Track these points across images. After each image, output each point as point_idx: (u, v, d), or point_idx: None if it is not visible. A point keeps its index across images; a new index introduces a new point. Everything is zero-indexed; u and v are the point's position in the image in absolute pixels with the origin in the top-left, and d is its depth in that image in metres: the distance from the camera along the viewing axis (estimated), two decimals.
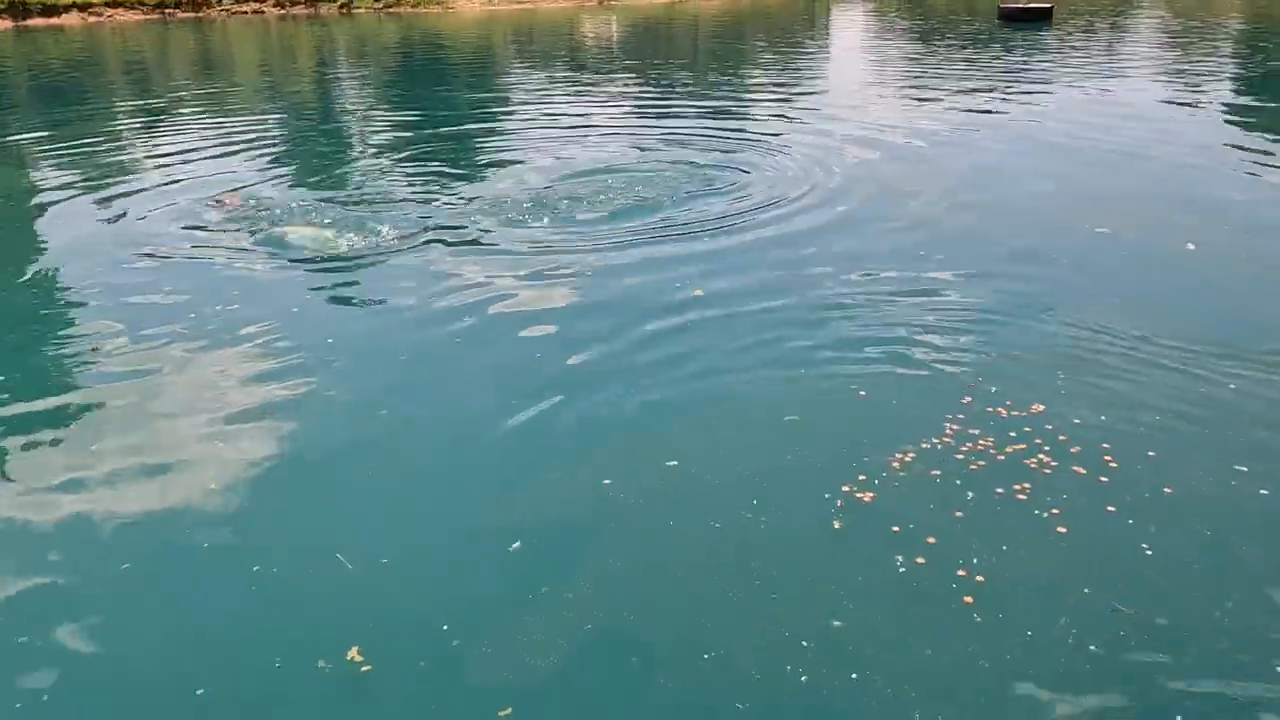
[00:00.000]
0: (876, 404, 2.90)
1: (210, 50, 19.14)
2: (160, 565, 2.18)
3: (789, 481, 2.46)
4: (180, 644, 1.95)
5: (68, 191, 5.83)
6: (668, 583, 2.09)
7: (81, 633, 1.96)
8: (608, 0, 27.64)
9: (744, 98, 9.56)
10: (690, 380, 3.07)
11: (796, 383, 3.04)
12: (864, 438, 2.68)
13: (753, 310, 3.61)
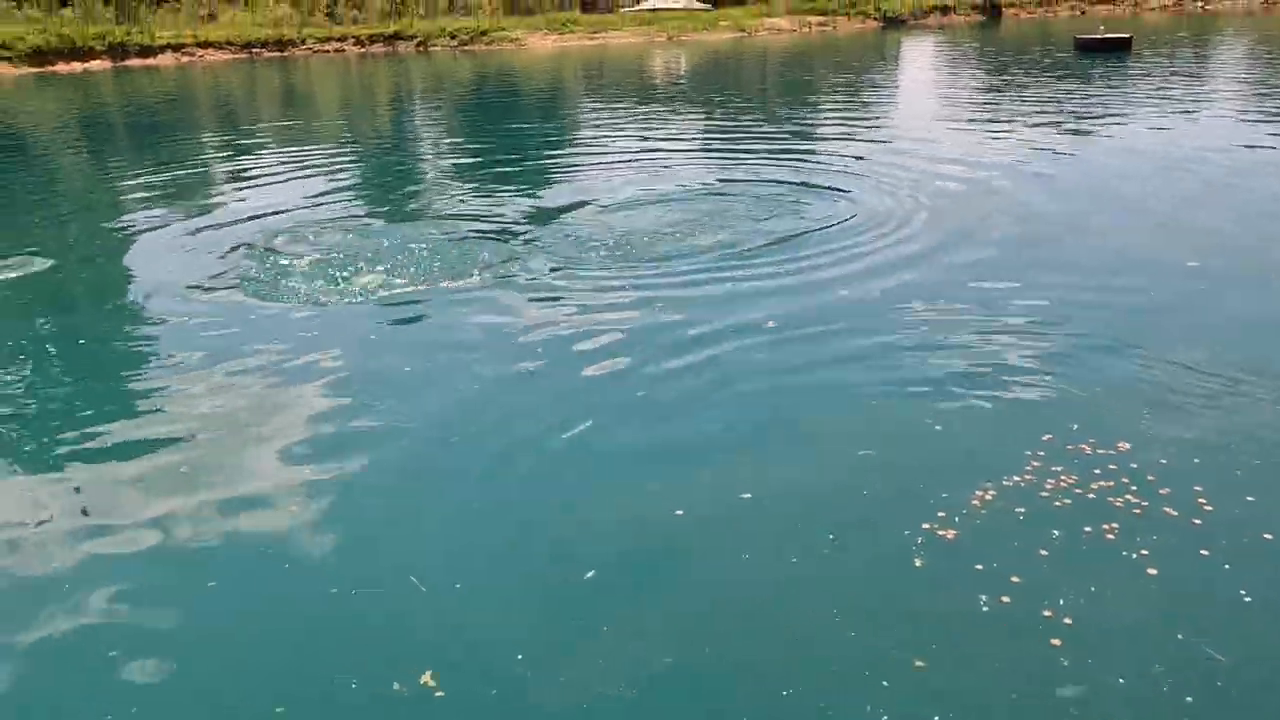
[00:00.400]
0: (954, 439, 2.83)
1: (293, 87, 19.89)
2: (242, 587, 2.23)
3: (867, 517, 2.42)
4: (261, 664, 1.99)
5: (154, 224, 6.06)
6: (743, 616, 2.07)
7: (165, 650, 2.02)
8: (677, 36, 27.97)
9: (814, 130, 9.54)
10: (762, 412, 3.04)
11: (871, 416, 2.99)
12: (942, 473, 2.62)
13: (825, 342, 3.57)
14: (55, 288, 4.65)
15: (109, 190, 7.88)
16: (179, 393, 3.29)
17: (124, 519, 2.50)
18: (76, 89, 19.99)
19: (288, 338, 3.72)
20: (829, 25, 29.29)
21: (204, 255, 5.04)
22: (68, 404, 3.29)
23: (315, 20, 33.36)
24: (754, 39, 27.18)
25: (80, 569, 2.30)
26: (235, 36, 29.80)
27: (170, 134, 12.34)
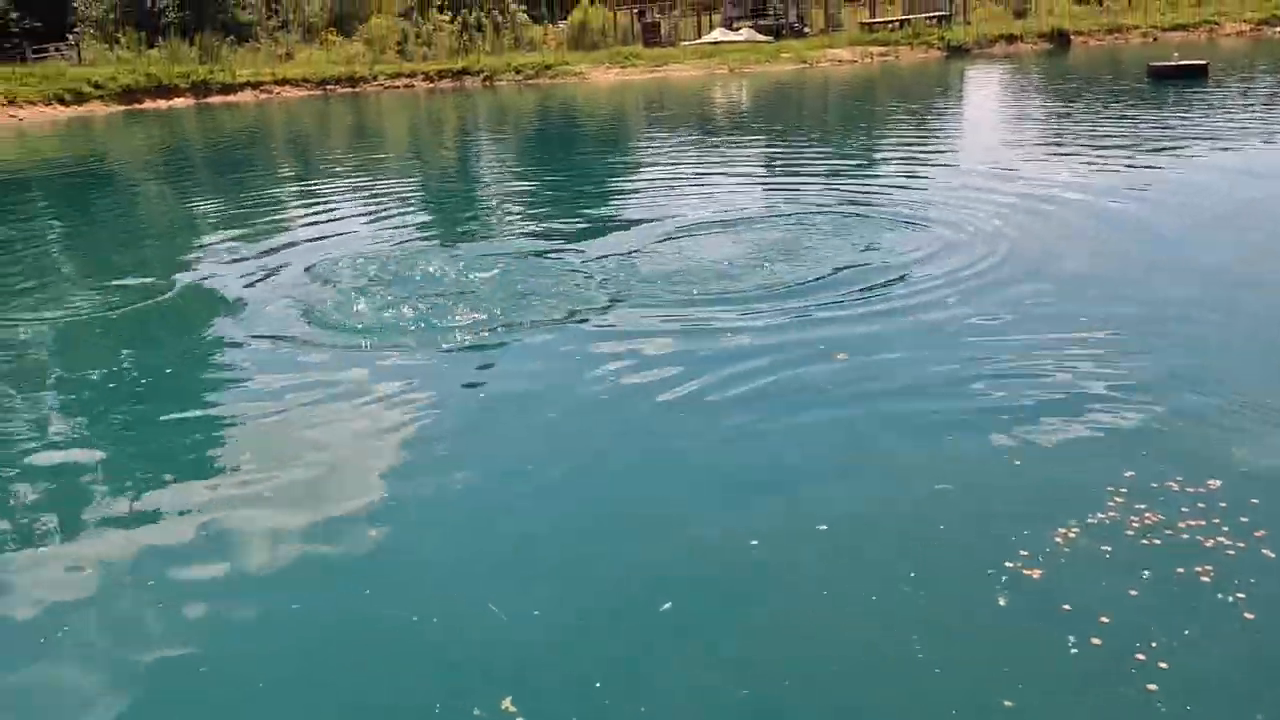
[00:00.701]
0: (1033, 473, 2.78)
1: (364, 121, 20.52)
2: (324, 612, 2.27)
3: (947, 554, 2.38)
4: (343, 688, 2.03)
5: (228, 254, 6.24)
6: (822, 653, 2.04)
7: (248, 675, 2.07)
8: (738, 67, 28.12)
9: (879, 158, 9.48)
10: (833, 444, 3.02)
11: (946, 449, 2.95)
12: (1023, 509, 2.57)
13: (897, 372, 3.54)
14: (132, 317, 4.80)
15: (187, 219, 8.20)
16: (252, 421, 3.36)
17: (203, 545, 2.57)
18: (162, 124, 20.90)
19: (354, 370, 3.78)
20: (891, 55, 29.16)
21: (274, 287, 5.13)
22: (140, 429, 3.39)
23: (386, 57, 34.40)
24: (816, 69, 27.19)
25: (160, 592, 2.37)
26: (311, 74, 30.85)
27: (248, 166, 12.83)
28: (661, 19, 40.67)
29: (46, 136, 18.99)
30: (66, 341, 4.42)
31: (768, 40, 32.90)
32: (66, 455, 3.16)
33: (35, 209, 9.76)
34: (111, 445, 3.23)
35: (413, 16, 38.88)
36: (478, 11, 39.13)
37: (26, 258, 6.66)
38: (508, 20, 38.53)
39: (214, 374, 3.94)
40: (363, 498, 2.78)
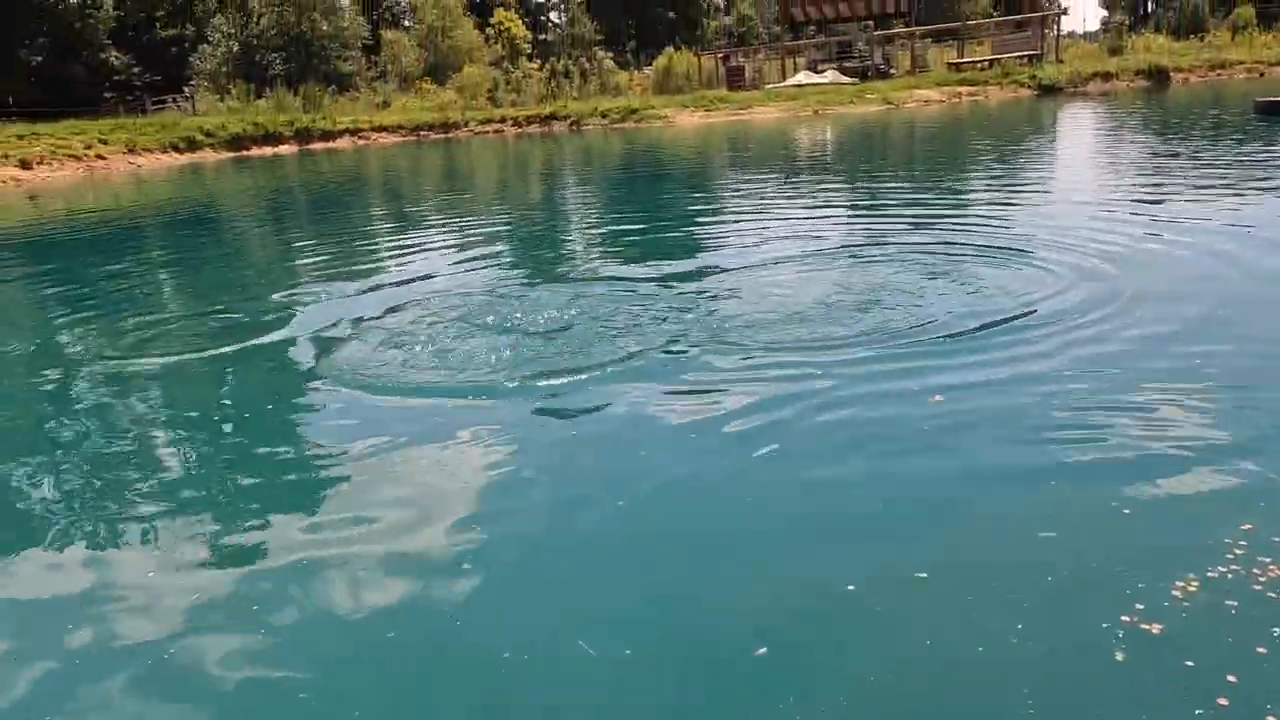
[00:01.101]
0: (1146, 524, 2.63)
1: (454, 164, 21.19)
2: (412, 650, 2.27)
3: (1056, 605, 2.26)
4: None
5: (321, 292, 6.43)
6: (929, 706, 1.96)
7: (332, 715, 2.08)
8: (822, 109, 28.11)
9: (968, 199, 9.27)
10: (931, 491, 2.92)
11: (1051, 498, 2.82)
12: (1136, 561, 2.43)
13: (996, 418, 3.41)
14: (230, 356, 4.95)
15: (284, 259, 8.55)
16: (343, 461, 3.38)
17: (298, 579, 2.61)
18: (266, 170, 21.96)
19: (441, 410, 3.79)
20: (980, 95, 28.75)
21: (365, 327, 5.20)
22: (235, 467, 3.47)
23: (477, 104, 35.57)
24: (902, 110, 26.97)
25: (257, 624, 2.42)
26: (406, 120, 32.09)
27: (344, 208, 13.37)
28: (745, 63, 41.05)
29: (161, 182, 20.14)
30: (169, 379, 4.60)
31: (852, 82, 32.82)
32: (163, 491, 3.26)
33: (147, 249, 10.32)
34: (208, 482, 3.33)
35: (503, 65, 40.19)
36: (565, 59, 40.23)
37: (136, 295, 7.02)
38: (595, 67, 39.48)
39: (305, 413, 4.01)
40: (451, 536, 2.79)
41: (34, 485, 3.35)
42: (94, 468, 3.46)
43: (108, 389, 4.42)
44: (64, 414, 4.13)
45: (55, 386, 4.56)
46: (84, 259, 9.43)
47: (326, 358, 4.63)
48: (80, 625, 2.43)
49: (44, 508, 3.15)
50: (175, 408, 4.13)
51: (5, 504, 3.23)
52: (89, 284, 7.55)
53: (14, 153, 21.51)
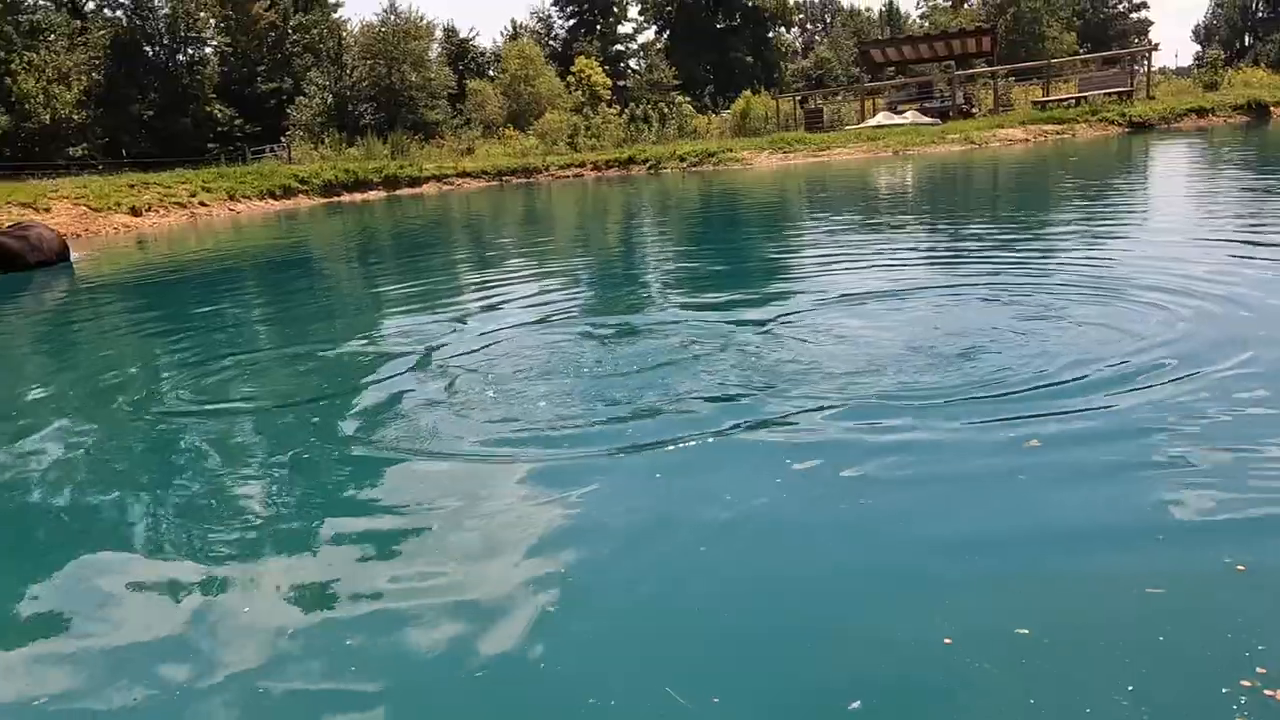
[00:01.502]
0: (1262, 583, 2.46)
1: (534, 207, 21.62)
2: (494, 699, 2.25)
3: (1169, 665, 2.12)
4: None
5: (402, 332, 6.54)
6: None
7: None
8: (902, 150, 27.87)
9: (1059, 239, 8.95)
10: (1032, 543, 2.79)
11: (1160, 551, 2.67)
12: (1254, 622, 2.27)
13: (1097, 469, 3.25)
14: (314, 398, 5.02)
15: (368, 301, 8.79)
16: (423, 509, 3.36)
17: (379, 626, 2.62)
18: (356, 215, 22.78)
19: (516, 456, 3.72)
20: (1067, 133, 28.12)
21: (442, 372, 5.18)
22: (314, 511, 3.48)
23: (557, 149, 36.36)
24: (985, 150, 26.53)
25: (341, 667, 2.44)
26: (488, 166, 33.00)
27: (427, 250, 13.75)
28: (824, 105, 41.07)
29: (258, 227, 21.06)
30: (256, 419, 4.68)
31: (933, 123, 32.49)
32: (246, 528, 3.31)
33: (240, 291, 10.77)
34: (288, 523, 3.37)
35: (583, 111, 41.07)
36: (644, 104, 40.89)
37: (228, 336, 7.30)
38: (673, 111, 40.02)
39: (384, 456, 3.95)
40: (532, 583, 2.75)
41: (122, 520, 3.47)
42: (180, 507, 3.56)
43: (196, 429, 4.56)
44: (154, 451, 4.28)
45: (146, 423, 4.73)
46: (182, 300, 9.88)
47: (407, 400, 4.66)
48: (173, 660, 2.49)
49: (134, 543, 3.26)
50: (260, 448, 4.22)
51: (97, 536, 3.35)
52: (185, 324, 7.88)
53: (126, 201, 22.80)
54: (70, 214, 20.68)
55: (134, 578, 2.97)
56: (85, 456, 4.22)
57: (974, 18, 69.96)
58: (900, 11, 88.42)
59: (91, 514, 3.56)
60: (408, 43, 45.09)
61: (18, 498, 3.78)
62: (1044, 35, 71.88)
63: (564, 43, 62.80)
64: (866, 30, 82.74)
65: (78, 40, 43.42)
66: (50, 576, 3.07)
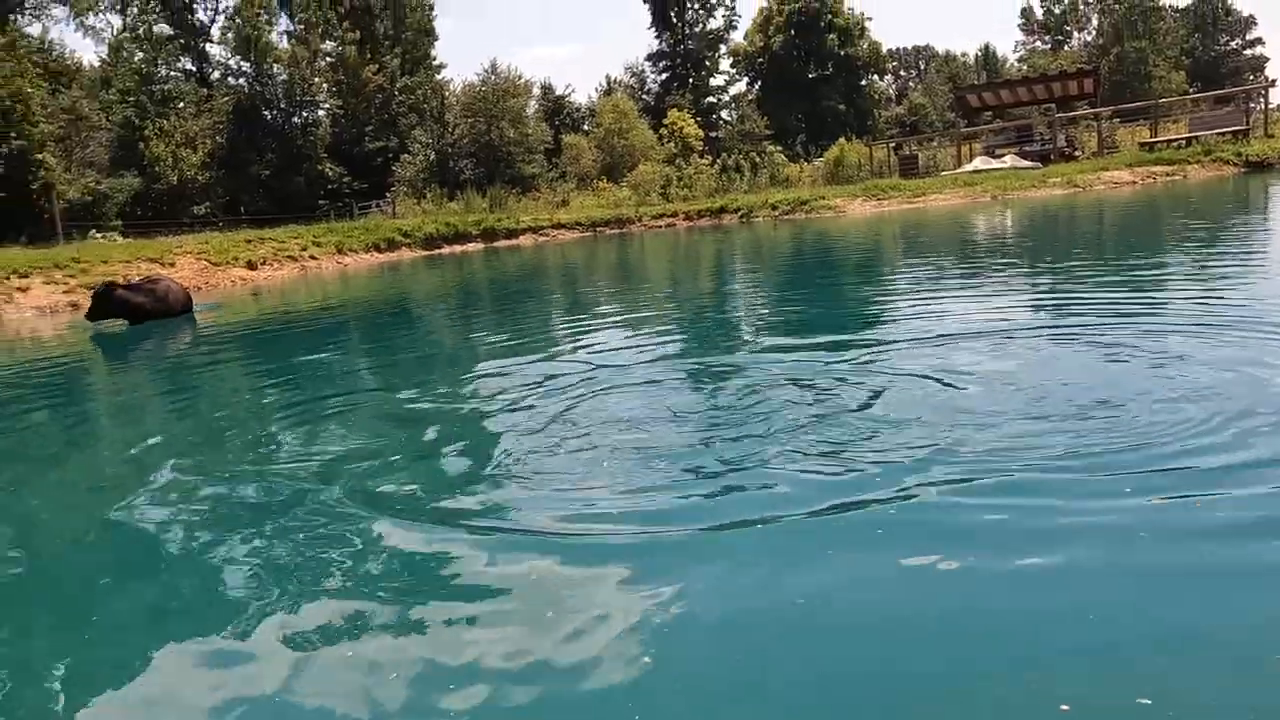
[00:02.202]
0: None
1: (627, 257, 21.89)
2: None
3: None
4: None
5: (499, 378, 6.60)
6: None
7: None
8: (1001, 194, 27.23)
9: (1177, 282, 8.51)
10: (1161, 604, 2.59)
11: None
12: None
13: (1226, 528, 3.01)
14: (406, 448, 5.09)
15: (465, 350, 8.98)
16: (505, 573, 3.30)
17: (477, 675, 2.61)
18: (455, 266, 23.50)
19: (603, 517, 3.58)
20: (1177, 174, 27.00)
21: (534, 425, 5.10)
22: (381, 564, 3.47)
23: (650, 200, 36.87)
24: (1089, 193, 25.69)
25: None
26: (583, 217, 33.70)
27: (523, 299, 14.04)
28: (919, 151, 40.58)
29: (363, 278, 21.93)
30: (357, 462, 4.79)
31: (1034, 166, 31.70)
32: (341, 575, 3.34)
33: (346, 340, 11.18)
34: (367, 571, 3.40)
35: (676, 162, 41.64)
36: (736, 154, 41.21)
37: (333, 379, 7.56)
38: (764, 160, 40.19)
39: (470, 507, 3.94)
40: (614, 671, 2.58)
41: (212, 564, 3.57)
42: (271, 552, 3.65)
43: (298, 475, 4.69)
44: (256, 492, 4.41)
45: (247, 467, 4.90)
46: (290, 350, 10.30)
47: (496, 462, 4.54)
48: (256, 704, 2.53)
49: (229, 584, 3.35)
50: (358, 496, 4.29)
51: (197, 577, 3.46)
52: (289, 373, 8.21)
53: (243, 255, 24.10)
54: (193, 268, 21.96)
55: (218, 611, 3.04)
56: (187, 502, 4.38)
57: (1075, 59, 68.53)
58: (997, 55, 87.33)
59: (188, 558, 3.67)
60: (506, 100, 46.76)
61: (129, 538, 3.95)
62: (1150, 75, 69.76)
63: (657, 96, 64.04)
64: (962, 75, 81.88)
65: (204, 107, 46.53)
66: (141, 621, 3.17)
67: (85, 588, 3.51)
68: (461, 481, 4.28)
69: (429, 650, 2.72)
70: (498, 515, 3.81)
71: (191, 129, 44.43)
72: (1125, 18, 74.94)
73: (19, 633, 3.17)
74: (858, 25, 65.78)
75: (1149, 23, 74.62)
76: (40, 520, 4.55)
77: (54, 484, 5.13)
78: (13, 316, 17.30)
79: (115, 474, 5.12)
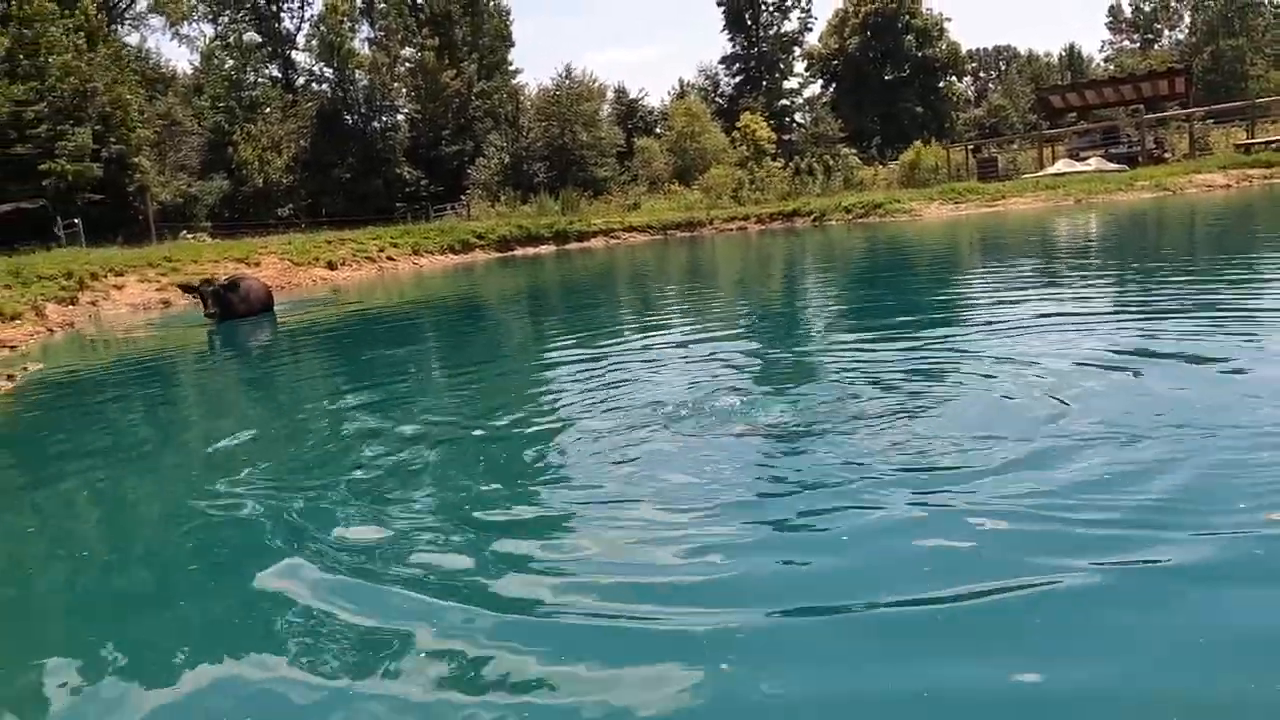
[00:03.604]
0: None
1: (699, 260, 21.87)
2: None
3: None
4: None
5: (563, 385, 6.60)
6: None
7: None
8: (1085, 198, 26.39)
9: (1258, 299, 7.77)
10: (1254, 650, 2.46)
11: None
12: None
13: None
14: (467, 441, 5.15)
15: (535, 352, 9.08)
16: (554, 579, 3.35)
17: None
18: (527, 268, 23.80)
19: (663, 524, 3.47)
20: (1276, 177, 25.78)
21: (594, 419, 5.13)
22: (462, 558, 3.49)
23: (721, 203, 36.76)
24: (1179, 196, 24.70)
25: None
26: (654, 220, 33.78)
27: (592, 300, 14.17)
28: (998, 153, 39.61)
29: (437, 278, 22.38)
30: (431, 455, 4.86)
31: (1120, 169, 30.62)
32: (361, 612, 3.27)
33: (420, 337, 11.43)
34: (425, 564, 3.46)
35: (748, 165, 41.44)
36: (809, 157, 40.81)
37: (407, 377, 7.74)
38: (838, 163, 39.72)
39: (528, 512, 3.96)
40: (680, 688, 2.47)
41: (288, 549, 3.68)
42: (345, 548, 3.75)
43: (370, 465, 4.81)
44: (331, 485, 4.54)
45: (326, 458, 5.05)
46: (360, 348, 10.57)
47: (557, 455, 4.59)
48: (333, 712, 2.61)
49: (306, 567, 3.45)
50: (433, 483, 4.40)
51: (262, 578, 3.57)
52: (360, 372, 8.43)
53: (323, 256, 24.82)
54: (276, 268, 22.71)
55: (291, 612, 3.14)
56: (259, 489, 4.53)
57: (1165, 59, 65.95)
58: (1082, 55, 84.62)
59: (261, 545, 3.79)
60: (580, 104, 47.16)
61: (203, 526, 4.12)
62: (1248, 74, 66.75)
63: (729, 99, 63.80)
64: (1045, 76, 79.57)
65: (289, 112, 48.07)
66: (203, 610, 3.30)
67: (170, 581, 3.68)
68: (524, 473, 4.34)
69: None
70: (556, 504, 3.81)
71: (277, 133, 45.94)
72: (1220, 14, 71.89)
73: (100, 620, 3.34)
74: (936, 26, 64.50)
75: (1246, 19, 71.42)
76: (134, 512, 4.79)
77: (148, 476, 5.38)
78: (109, 312, 18.15)
79: (209, 467, 5.33)
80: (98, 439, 6.41)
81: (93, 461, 5.65)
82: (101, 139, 34.42)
